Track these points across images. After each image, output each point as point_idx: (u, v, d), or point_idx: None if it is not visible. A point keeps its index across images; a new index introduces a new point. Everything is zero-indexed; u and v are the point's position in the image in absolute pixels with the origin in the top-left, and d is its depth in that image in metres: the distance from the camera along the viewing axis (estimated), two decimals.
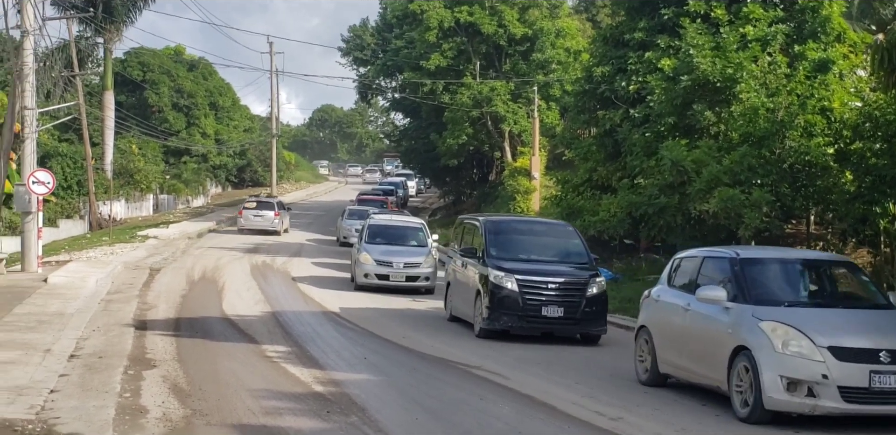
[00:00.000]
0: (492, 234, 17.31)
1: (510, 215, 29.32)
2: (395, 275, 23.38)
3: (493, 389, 11.60)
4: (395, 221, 27.78)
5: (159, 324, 16.30)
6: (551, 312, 15.88)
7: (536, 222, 20.55)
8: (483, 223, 17.82)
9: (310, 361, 12.85)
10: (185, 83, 68.88)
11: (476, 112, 43.02)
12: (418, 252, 24.47)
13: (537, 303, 15.89)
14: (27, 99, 25.69)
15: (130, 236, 38.85)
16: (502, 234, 17.53)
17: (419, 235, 26.03)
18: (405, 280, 23.46)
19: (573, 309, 15.92)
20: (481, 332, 16.22)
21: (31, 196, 25.03)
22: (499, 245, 17.02)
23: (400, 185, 63.71)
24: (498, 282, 16.00)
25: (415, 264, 23.70)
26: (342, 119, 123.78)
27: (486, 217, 19.11)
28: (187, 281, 24.19)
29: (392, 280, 23.34)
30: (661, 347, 12.04)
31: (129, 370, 11.52)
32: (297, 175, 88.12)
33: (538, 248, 17.51)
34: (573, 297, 16.04)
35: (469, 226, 18.81)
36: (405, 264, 23.55)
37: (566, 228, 18.58)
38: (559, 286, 16.12)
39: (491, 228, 17.53)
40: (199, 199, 66.68)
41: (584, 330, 16.38)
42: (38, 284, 21.87)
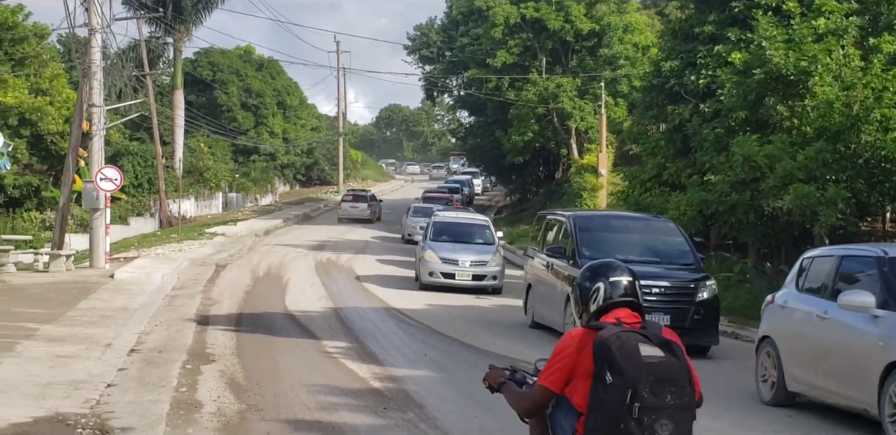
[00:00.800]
0: (583, 231, 15.57)
1: (602, 210, 26.71)
2: (462, 273, 22.62)
3: None
4: (461, 218, 26.98)
5: (221, 319, 16.26)
6: (656, 320, 12.59)
7: (633, 218, 18.19)
8: (572, 219, 16.09)
9: (369, 357, 12.67)
10: (254, 82, 69.47)
11: (542, 109, 42.64)
12: (485, 250, 23.66)
13: None
14: (94, 96, 25.96)
15: (198, 234, 39.17)
16: (595, 231, 15.84)
17: (486, 232, 25.19)
18: (472, 279, 22.67)
19: (681, 316, 14.02)
20: None
21: (98, 193, 25.27)
22: (591, 244, 15.21)
23: (466, 183, 63.48)
24: None
25: (482, 262, 22.92)
26: (409, 118, 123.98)
27: (574, 212, 17.63)
28: (252, 277, 24.22)
29: (458, 279, 22.60)
30: (790, 362, 10.32)
31: (187, 365, 11.45)
32: (364, 173, 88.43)
33: (636, 247, 15.69)
34: (680, 303, 14.24)
35: (554, 222, 17.13)
36: (472, 262, 22.81)
37: (667, 225, 16.77)
38: (664, 291, 14.29)
39: (581, 225, 15.81)
40: (267, 198, 67.20)
41: (693, 341, 13.83)
42: (105, 279, 22.05)
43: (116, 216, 48.72)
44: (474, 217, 28.08)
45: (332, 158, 73.92)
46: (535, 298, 16.85)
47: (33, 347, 12.10)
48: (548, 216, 18.08)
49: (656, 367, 4.18)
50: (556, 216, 17.33)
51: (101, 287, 20.28)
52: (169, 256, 28.89)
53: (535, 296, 16.82)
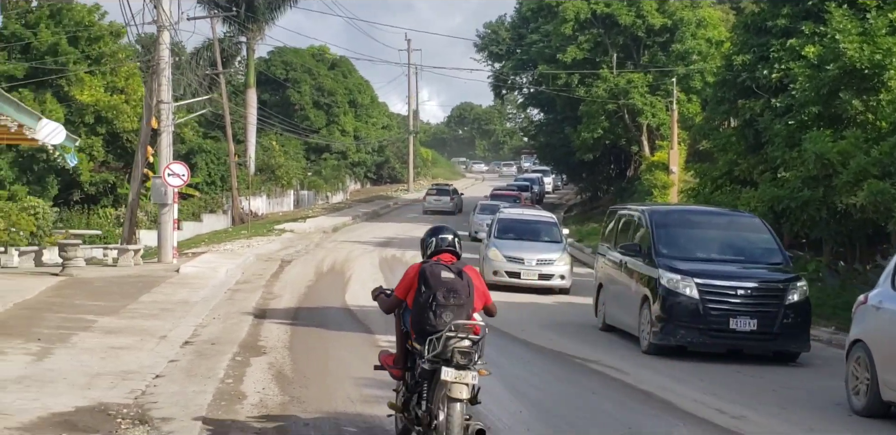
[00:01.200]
0: (661, 227, 14.47)
1: (681, 205, 25.01)
2: (528, 272, 21.81)
3: (608, 384, 11.04)
4: (526, 215, 26.24)
5: (279, 313, 16.26)
6: (741, 324, 12.90)
7: (714, 213, 16.96)
8: (648, 214, 15.00)
9: None
10: (326, 81, 69.91)
11: (612, 105, 42.13)
12: (552, 248, 22.69)
13: (723, 313, 12.96)
14: (163, 93, 26.24)
15: (268, 230, 39.47)
16: (674, 227, 14.72)
17: (552, 230, 24.16)
18: (538, 278, 21.85)
19: (769, 321, 12.98)
20: (651, 347, 13.41)
21: (166, 188, 25.51)
22: (670, 241, 14.21)
23: (536, 181, 63.08)
24: (672, 287, 13.20)
25: (549, 261, 22.03)
26: (480, 116, 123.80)
27: (650, 207, 16.69)
28: (315, 272, 24.27)
29: (524, 278, 21.81)
30: (886, 368, 9.46)
31: (237, 357, 11.42)
32: (434, 172, 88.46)
33: (719, 244, 14.59)
34: (769, 306, 13.11)
35: (627, 218, 16.02)
36: (538, 261, 21.95)
37: (752, 220, 15.47)
38: (751, 292, 13.20)
39: (659, 221, 14.70)
40: (338, 196, 67.58)
41: (781, 347, 13.39)
42: (171, 273, 22.25)
43: (189, 213, 49.40)
44: (540, 214, 27.30)
45: (403, 157, 74.10)
46: (606, 298, 15.97)
47: (88, 339, 12.18)
48: (620, 211, 16.87)
49: (448, 283, 7.21)
50: (630, 211, 16.18)
51: (165, 281, 20.46)
52: (236, 252, 29.11)
53: (607, 296, 15.93)
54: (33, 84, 47.13)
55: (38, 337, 11.99)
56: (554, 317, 17.87)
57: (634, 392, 10.68)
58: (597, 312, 16.49)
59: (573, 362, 12.63)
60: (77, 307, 15.45)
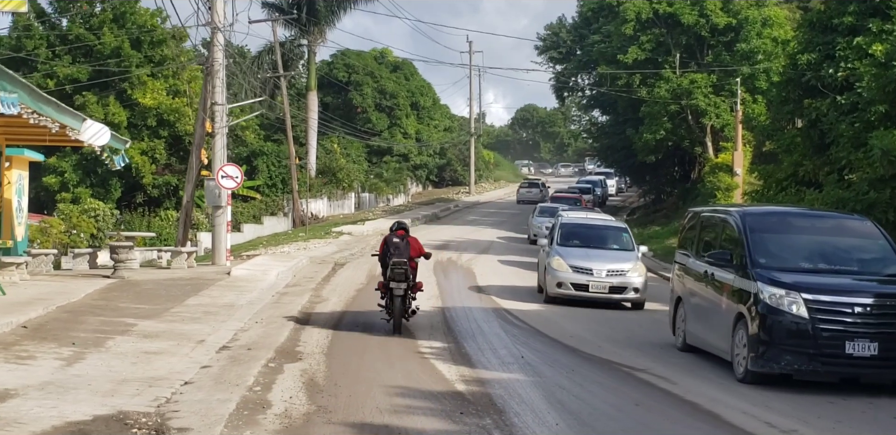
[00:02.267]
0: (757, 232, 12.38)
1: (778, 206, 20.63)
2: (597, 285, 19.43)
3: (653, 395, 10.55)
4: (593, 220, 23.91)
5: (323, 317, 15.98)
6: (859, 348, 10.88)
7: (819, 216, 14.50)
8: (740, 217, 12.90)
9: (462, 358, 12.13)
10: (388, 84, 69.86)
11: (675, 106, 41.33)
12: (624, 257, 20.40)
13: (838, 335, 10.94)
14: (217, 95, 26.17)
15: (325, 232, 39.39)
16: (772, 232, 12.60)
17: (623, 236, 21.83)
18: (609, 291, 19.48)
19: (892, 344, 10.98)
20: (748, 375, 11.37)
21: (220, 190, 25.44)
22: (769, 249, 12.15)
23: (598, 183, 62.34)
24: (775, 304, 11.14)
25: (621, 272, 19.67)
26: (545, 119, 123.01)
27: (742, 208, 14.35)
28: (367, 275, 23.98)
29: (593, 291, 19.43)
30: None
31: (270, 363, 11.13)
32: (496, 174, 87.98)
33: (827, 252, 12.44)
34: (892, 326, 11.08)
35: (713, 221, 13.95)
36: (609, 272, 19.59)
37: (864, 224, 13.11)
38: (870, 310, 11.10)
39: (754, 225, 12.58)
40: (399, 198, 67.45)
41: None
42: (221, 276, 22.13)
43: (251, 215, 49.64)
44: (608, 219, 25.35)
45: (465, 159, 73.79)
46: (687, 314, 13.82)
47: (124, 343, 12.00)
48: (703, 213, 14.76)
49: (395, 244, 14.97)
50: (715, 213, 14.16)
51: (214, 284, 20.32)
52: (290, 254, 29.01)
53: (688, 312, 13.79)
54: (97, 87, 47.76)
55: (73, 341, 11.82)
56: (629, 332, 16.17)
57: (681, 403, 10.15)
58: (674, 329, 14.48)
59: (619, 371, 12.11)
60: (119, 310, 15.32)
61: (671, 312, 14.65)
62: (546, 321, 16.63)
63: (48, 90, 46.63)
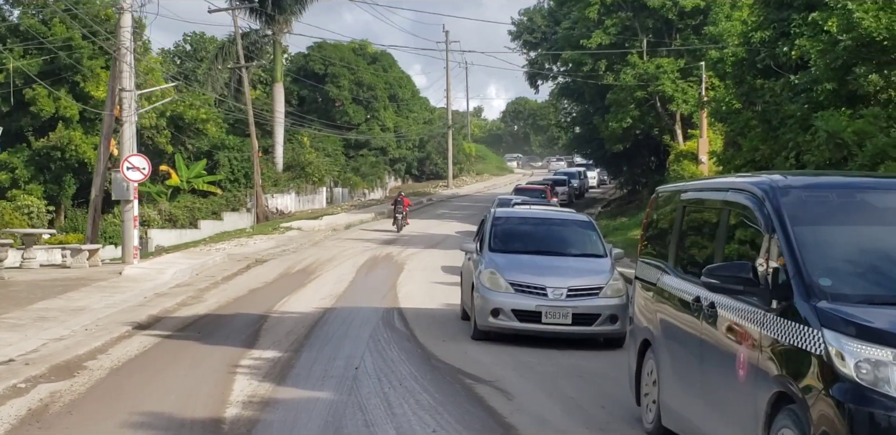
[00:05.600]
0: (806, 225, 6.36)
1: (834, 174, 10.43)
2: (554, 312, 12.72)
3: None
4: (543, 212, 16.56)
5: (174, 322, 14.15)
6: None
7: None
8: (771, 196, 6.60)
9: (278, 374, 10.15)
10: (366, 75, 68.01)
11: (642, 93, 39.36)
12: (592, 267, 13.73)
13: None
14: (124, 80, 24.38)
15: (273, 228, 37.60)
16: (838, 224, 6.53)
17: (588, 236, 14.94)
18: (572, 322, 12.78)
19: None
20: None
21: (127, 184, 23.64)
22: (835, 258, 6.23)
23: (576, 175, 60.40)
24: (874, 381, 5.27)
25: (589, 290, 13.06)
26: (535, 111, 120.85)
27: (770, 178, 6.95)
28: (280, 273, 22.19)
29: (548, 322, 12.73)
30: None
31: (26, 383, 9.26)
32: (479, 168, 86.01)
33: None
34: None
35: (709, 207, 7.67)
36: (571, 291, 12.93)
37: None
38: None
39: (801, 211, 6.47)
40: (376, 192, 65.65)
41: None
42: (111, 275, 20.35)
43: (209, 211, 47.88)
44: (565, 212, 17.42)
45: (445, 152, 71.92)
46: (662, 373, 7.91)
47: None
48: (686, 194, 8.30)
49: (398, 200, 37.75)
50: (718, 192, 7.48)
51: (92, 284, 18.51)
52: (204, 252, 27.19)
53: (664, 368, 7.88)
54: (48, 80, 45.99)
55: None
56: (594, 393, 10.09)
57: None
58: (639, 396, 8.60)
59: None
60: None
61: (632, 363, 8.76)
62: (443, 325, 14.67)
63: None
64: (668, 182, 36.81)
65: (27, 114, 45.90)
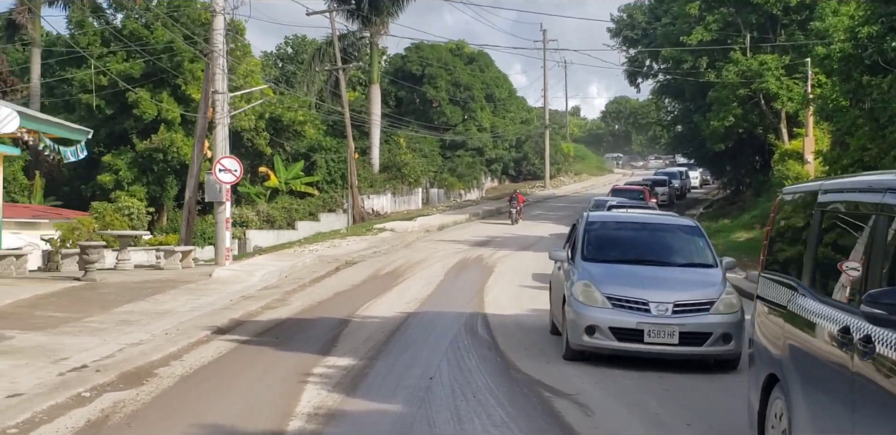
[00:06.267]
0: None
1: None
2: (658, 329, 11.18)
3: None
4: (642, 216, 15.16)
5: (255, 326, 13.99)
6: None
7: None
8: None
9: (349, 383, 9.84)
10: (463, 76, 67.79)
11: (744, 90, 38.20)
12: (701, 279, 12.17)
13: None
14: (217, 82, 24.46)
15: (366, 229, 37.56)
16: None
17: (695, 243, 13.33)
18: (679, 341, 11.23)
19: None
20: None
21: (220, 185, 23.74)
22: None
23: (677, 175, 59.07)
24: None
25: (699, 306, 11.47)
26: (637, 110, 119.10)
27: None
28: (369, 276, 22.00)
29: (650, 341, 11.20)
30: None
31: (91, 391, 9.11)
32: (577, 168, 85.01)
33: None
34: None
35: (863, 212, 5.92)
36: (678, 307, 11.39)
37: None
38: None
39: None
40: (472, 193, 65.35)
41: None
42: (200, 277, 20.43)
43: (307, 212, 48.24)
44: (668, 216, 16.09)
45: (542, 152, 71.24)
46: (798, 417, 6.23)
47: None
48: (822, 196, 6.71)
49: (511, 195, 45.81)
50: (868, 195, 5.85)
51: (181, 286, 18.56)
52: (298, 253, 27.18)
53: (800, 412, 6.22)
54: (150, 83, 46.88)
55: None
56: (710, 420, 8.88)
57: None
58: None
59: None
60: (25, 319, 13.59)
61: (754, 401, 7.26)
62: (528, 332, 14.24)
63: (101, 86, 45.98)
64: (773, 182, 35.85)
65: (130, 116, 46.83)
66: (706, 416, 8.95)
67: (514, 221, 42.15)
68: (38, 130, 16.54)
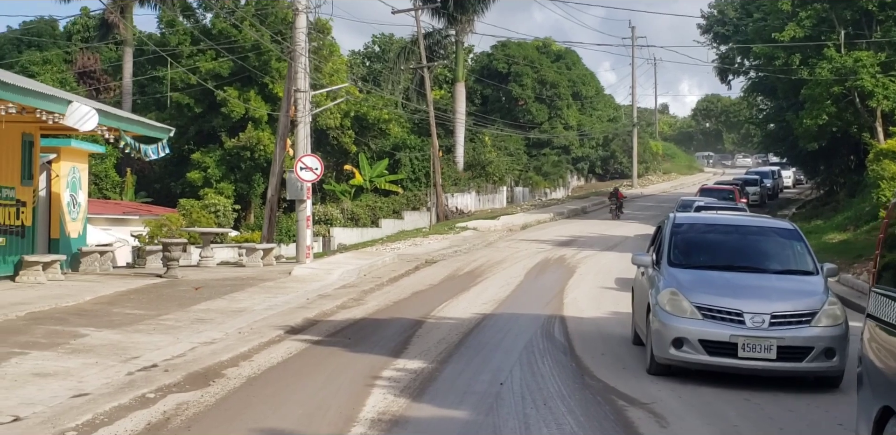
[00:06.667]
0: None
1: None
2: (753, 343, 10.24)
3: None
4: (734, 218, 14.22)
5: (329, 326, 13.87)
6: None
7: None
8: None
9: (418, 388, 9.65)
10: (549, 74, 67.29)
11: (838, 88, 37.03)
12: (801, 288, 11.14)
13: None
14: (299, 81, 24.50)
15: (449, 228, 37.39)
16: None
17: (793, 248, 12.05)
18: (777, 356, 10.25)
19: None
20: None
21: (301, 184, 23.78)
22: None
23: (769, 174, 57.66)
24: None
25: (799, 317, 10.49)
26: (728, 108, 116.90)
27: None
28: (447, 275, 21.81)
29: (745, 356, 10.25)
30: None
31: (156, 392, 9.03)
32: (666, 166, 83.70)
33: None
34: None
35: None
36: (775, 318, 10.42)
37: None
38: None
39: None
40: (558, 192, 64.79)
41: None
42: (280, 275, 20.47)
43: (391, 210, 48.30)
44: (762, 218, 15.69)
45: (630, 151, 70.31)
46: None
47: (33, 360, 10.23)
48: None
49: (612, 193, 48.04)
50: None
51: (259, 284, 18.60)
52: (378, 252, 27.09)
53: None
54: (238, 82, 47.43)
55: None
56: None
57: None
58: None
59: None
60: (100, 317, 13.68)
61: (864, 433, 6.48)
62: (606, 336, 13.88)
63: (191, 85, 46.64)
64: (868, 183, 34.69)
65: (219, 114, 47.41)
66: (785, 427, 8.51)
67: (616, 217, 44.77)
68: (119, 128, 16.66)
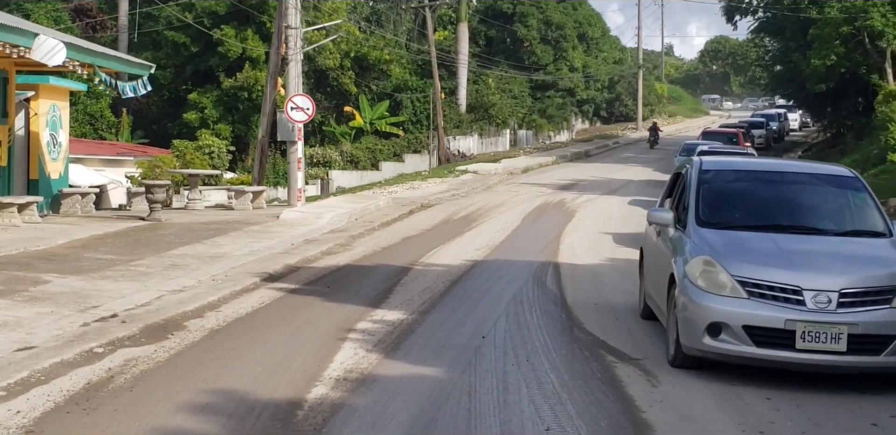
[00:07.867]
0: None
1: None
2: (817, 330, 7.62)
3: None
4: (777, 163, 11.60)
5: (309, 273, 13.23)
6: None
7: None
8: None
9: (392, 342, 9.00)
10: (555, 14, 65.87)
11: (848, 27, 35.93)
12: (871, 254, 8.53)
13: None
14: (290, 17, 23.55)
15: (448, 171, 36.67)
16: None
17: (857, 201, 9.40)
18: (847, 349, 7.61)
19: None
20: None
21: (292, 124, 23.00)
22: None
23: (775, 117, 56.61)
24: None
25: (874, 296, 7.81)
26: (736, 50, 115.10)
27: None
28: (442, 220, 21.14)
29: (806, 347, 7.63)
30: None
31: (105, 346, 8.40)
32: (671, 109, 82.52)
33: None
34: None
35: None
36: (843, 296, 7.76)
37: None
38: None
39: None
40: (562, 135, 63.85)
41: None
42: (267, 219, 19.83)
43: (390, 153, 47.45)
44: (811, 164, 11.47)
45: (635, 93, 69.15)
46: None
47: None
48: None
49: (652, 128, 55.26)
50: None
51: (244, 228, 17.94)
52: (373, 195, 26.39)
53: None
54: (235, 20, 46.26)
55: None
56: None
57: None
58: None
59: None
60: (70, 262, 13.05)
61: None
62: (600, 285, 13.21)
63: (185, 24, 45.48)
64: (876, 125, 33.73)
65: (216, 54, 46.34)
66: (785, 388, 7.82)
67: (652, 146, 51.81)
68: (93, 64, 15.84)
